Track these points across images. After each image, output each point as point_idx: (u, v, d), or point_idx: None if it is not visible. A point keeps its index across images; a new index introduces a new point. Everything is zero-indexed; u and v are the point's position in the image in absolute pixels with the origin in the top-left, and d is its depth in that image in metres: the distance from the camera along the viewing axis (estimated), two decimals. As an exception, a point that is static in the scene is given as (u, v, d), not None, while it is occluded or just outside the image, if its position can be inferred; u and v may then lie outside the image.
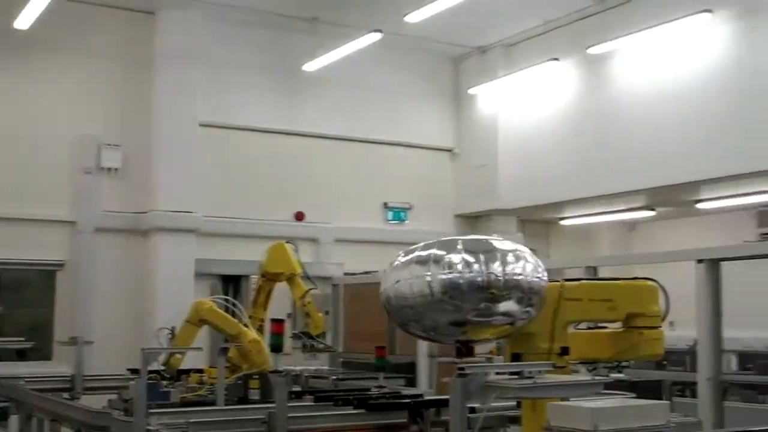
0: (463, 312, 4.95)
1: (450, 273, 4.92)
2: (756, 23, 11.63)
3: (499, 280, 4.89)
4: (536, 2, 13.78)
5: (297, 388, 8.24)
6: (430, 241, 5.28)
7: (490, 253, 4.97)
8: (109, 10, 13.59)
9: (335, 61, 14.00)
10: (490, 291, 4.88)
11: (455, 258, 4.97)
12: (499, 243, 5.12)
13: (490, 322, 5.05)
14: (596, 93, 13.94)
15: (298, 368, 9.14)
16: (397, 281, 5.22)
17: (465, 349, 5.26)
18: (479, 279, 4.88)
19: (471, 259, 4.95)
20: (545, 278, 5.11)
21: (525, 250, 5.14)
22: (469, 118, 16.20)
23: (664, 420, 4.23)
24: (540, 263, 5.14)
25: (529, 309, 5.06)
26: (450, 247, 5.08)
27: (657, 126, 12.70)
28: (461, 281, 4.89)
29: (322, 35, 14.16)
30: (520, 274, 4.96)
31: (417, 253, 5.24)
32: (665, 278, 5.73)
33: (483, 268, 4.90)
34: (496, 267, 4.91)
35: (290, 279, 9.37)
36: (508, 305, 4.96)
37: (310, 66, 14.32)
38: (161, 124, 13.45)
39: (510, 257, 4.99)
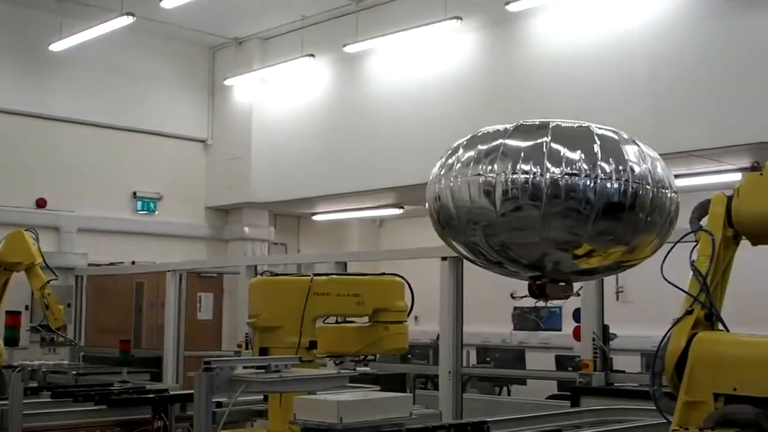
0: (561, 230, 3.58)
1: (541, 172, 3.50)
2: (501, 33, 12.24)
3: (637, 190, 3.57)
4: (293, -3, 13.85)
5: (34, 384, 7.86)
6: (500, 128, 3.85)
7: (611, 149, 3.60)
8: None
9: (85, 42, 13.43)
10: (617, 204, 3.54)
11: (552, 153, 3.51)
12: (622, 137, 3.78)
13: (605, 247, 3.70)
14: (350, 91, 14.18)
15: (36, 363, 8.76)
16: (458, 183, 3.78)
17: (537, 289, 3.96)
18: (598, 183, 3.50)
19: (580, 155, 3.53)
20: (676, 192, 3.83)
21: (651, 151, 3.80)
22: (224, 109, 16.03)
23: (406, 412, 4.34)
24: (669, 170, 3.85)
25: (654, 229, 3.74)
26: (535, 135, 3.62)
27: (406, 126, 13.09)
28: (577, 184, 3.48)
29: (71, 15, 13.54)
30: (663, 185, 3.67)
31: (499, 141, 3.71)
32: (411, 274, 5.88)
33: (608, 170, 3.49)
34: (627, 171, 3.55)
35: (29, 269, 8.96)
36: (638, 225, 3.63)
37: (57, 46, 13.66)
38: None
39: (644, 156, 3.67)
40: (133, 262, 13.87)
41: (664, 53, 10.61)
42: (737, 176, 3.60)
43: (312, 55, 14.23)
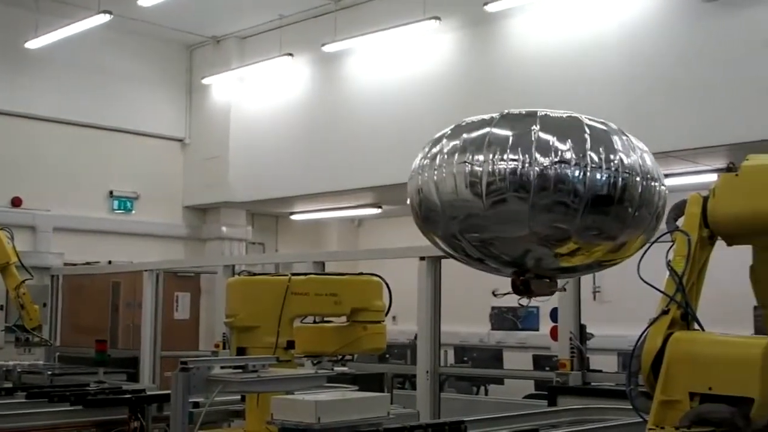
0: (558, 223, 3.48)
1: (531, 162, 3.37)
2: (479, 33, 12.26)
3: (627, 181, 3.50)
4: (272, -4, 13.82)
5: (8, 385, 7.81)
6: (485, 117, 3.69)
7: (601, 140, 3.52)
8: None
9: (62, 40, 13.34)
10: (610, 196, 3.48)
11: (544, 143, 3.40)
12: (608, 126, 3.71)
13: (594, 243, 3.63)
14: (329, 90, 14.16)
15: (11, 363, 8.71)
16: (442, 174, 3.60)
17: (521, 285, 3.82)
18: (588, 175, 3.42)
19: (569, 145, 3.44)
20: (665, 185, 3.79)
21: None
22: (202, 108, 15.97)
23: (384, 412, 4.34)
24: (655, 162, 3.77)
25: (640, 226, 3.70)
26: (524, 125, 3.50)
27: (384, 126, 13.08)
28: (567, 174, 3.39)
29: (48, 12, 13.45)
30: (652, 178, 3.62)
31: (486, 129, 3.55)
32: (389, 274, 5.88)
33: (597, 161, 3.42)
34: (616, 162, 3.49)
35: (4, 268, 8.92)
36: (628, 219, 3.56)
37: (34, 44, 13.56)
38: None
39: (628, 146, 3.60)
40: (110, 262, 13.80)
41: (642, 54, 10.67)
42: (713, 177, 3.60)
43: (290, 55, 14.21)
